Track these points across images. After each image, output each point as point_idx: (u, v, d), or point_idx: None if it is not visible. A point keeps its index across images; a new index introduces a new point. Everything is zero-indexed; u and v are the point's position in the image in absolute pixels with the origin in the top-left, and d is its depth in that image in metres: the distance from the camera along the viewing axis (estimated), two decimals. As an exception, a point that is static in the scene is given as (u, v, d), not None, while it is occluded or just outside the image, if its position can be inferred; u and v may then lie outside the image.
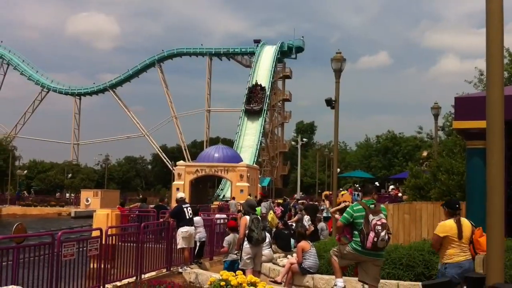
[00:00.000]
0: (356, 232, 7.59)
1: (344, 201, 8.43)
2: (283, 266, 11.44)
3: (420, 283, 9.08)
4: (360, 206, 7.62)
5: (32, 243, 8.39)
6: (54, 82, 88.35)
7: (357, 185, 36.75)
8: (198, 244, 13.18)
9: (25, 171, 70.04)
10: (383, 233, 7.39)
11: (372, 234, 7.35)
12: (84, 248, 9.24)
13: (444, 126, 35.34)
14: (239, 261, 10.06)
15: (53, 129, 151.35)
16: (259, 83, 62.28)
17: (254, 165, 58.55)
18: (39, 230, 24.39)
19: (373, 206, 7.61)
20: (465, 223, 7.12)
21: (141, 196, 39.84)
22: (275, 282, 10.45)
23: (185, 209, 12.33)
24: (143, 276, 10.92)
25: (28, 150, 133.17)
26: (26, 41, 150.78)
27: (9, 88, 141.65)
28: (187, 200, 13.85)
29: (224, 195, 56.59)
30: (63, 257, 8.54)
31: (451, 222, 7.05)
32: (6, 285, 6.26)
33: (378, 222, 7.41)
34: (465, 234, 7.00)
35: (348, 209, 7.74)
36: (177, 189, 43.32)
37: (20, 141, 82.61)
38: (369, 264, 7.68)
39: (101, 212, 17.09)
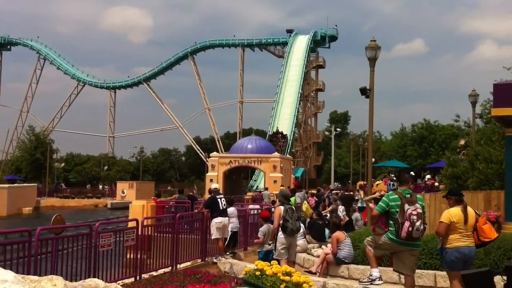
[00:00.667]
0: (391, 222, 7.50)
1: (380, 191, 8.33)
2: (318, 257, 11.39)
3: (458, 274, 8.96)
4: (396, 196, 7.52)
5: (70, 234, 8.55)
6: (89, 76, 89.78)
7: (392, 175, 36.28)
8: (229, 234, 13.22)
9: (63, 164, 71.50)
10: (418, 223, 7.31)
11: (407, 224, 7.27)
12: (121, 239, 9.38)
13: (482, 114, 34.55)
14: (273, 251, 10.06)
15: (89, 122, 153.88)
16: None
17: (287, 156, 58.44)
18: (77, 222, 24.91)
19: (409, 195, 7.51)
20: (470, 211, 7.46)
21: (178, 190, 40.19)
22: (310, 272, 10.41)
23: (218, 200, 12.37)
24: (178, 266, 11.02)
25: (65, 143, 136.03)
26: (61, 36, 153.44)
27: (46, 83, 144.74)
28: (221, 191, 13.90)
29: (257, 186, 56.66)
30: (100, 248, 8.68)
31: (457, 210, 7.38)
32: (46, 275, 6.38)
33: (414, 212, 7.32)
34: (469, 221, 7.35)
35: (384, 198, 7.65)
36: (211, 180, 43.56)
37: (57, 135, 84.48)
38: (405, 254, 7.58)
39: (136, 203, 17.33)
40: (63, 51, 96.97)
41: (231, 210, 13.39)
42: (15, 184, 54.79)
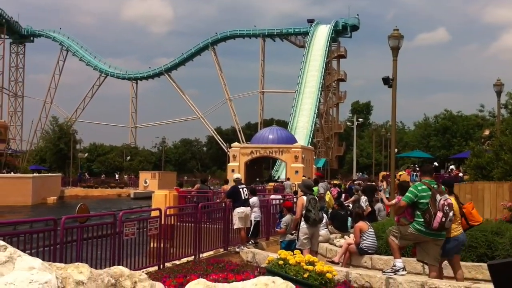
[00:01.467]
0: (418, 213, 7.42)
1: (398, 198, 8.25)
2: (340, 247, 11.35)
3: (482, 264, 8.84)
4: (425, 186, 7.44)
5: (95, 223, 8.64)
6: (111, 67, 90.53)
7: (416, 165, 35.93)
8: (253, 224, 13.23)
9: (86, 154, 72.36)
10: (451, 213, 7.27)
11: (440, 214, 7.21)
12: (144, 228, 9.45)
13: (507, 104, 33.99)
14: (296, 241, 10.04)
15: (111, 113, 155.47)
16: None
17: (309, 146, 58.27)
18: (100, 211, 25.21)
19: (436, 186, 7.44)
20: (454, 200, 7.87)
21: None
22: (333, 262, 10.38)
23: (240, 190, 12.38)
24: (201, 255, 11.07)
25: (88, 134, 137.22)
26: (83, 27, 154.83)
27: (68, 74, 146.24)
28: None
29: (279, 176, 56.69)
30: (124, 236, 8.76)
31: (453, 201, 7.72)
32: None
33: (445, 202, 7.26)
34: (458, 210, 7.86)
35: (411, 188, 7.56)
36: (232, 170, 43.70)
37: (80, 125, 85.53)
38: (430, 244, 7.51)
39: (159, 193, 17.43)
40: (85, 42, 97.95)
41: (254, 200, 13.39)
42: (40, 174, 55.60)
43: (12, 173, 51.40)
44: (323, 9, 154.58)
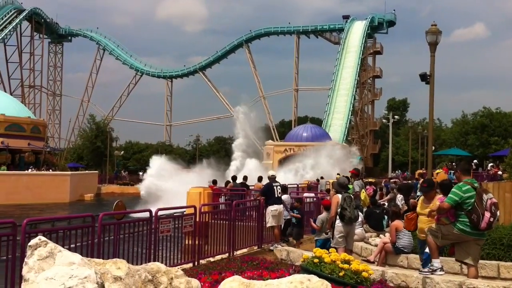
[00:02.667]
0: (462, 213, 7.25)
1: (440, 199, 8.18)
2: (376, 246, 11.22)
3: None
4: (468, 186, 7.25)
5: (131, 220, 8.75)
6: (147, 66, 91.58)
7: (453, 163, 35.29)
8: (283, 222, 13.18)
9: (122, 152, 73.44)
10: (498, 213, 7.10)
11: (488, 214, 7.03)
12: (179, 225, 9.53)
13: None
14: (331, 239, 9.97)
15: (147, 111, 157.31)
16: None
17: (344, 143, 57.83)
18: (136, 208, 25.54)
19: (477, 185, 7.27)
20: None
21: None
22: (368, 261, 10.27)
23: (274, 187, 12.35)
24: (235, 252, 11.11)
25: (124, 132, 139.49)
26: (120, 27, 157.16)
27: (105, 73, 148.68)
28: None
29: (313, 174, 56.37)
30: (160, 233, 8.86)
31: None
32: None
33: (492, 202, 7.10)
34: None
35: (455, 190, 7.34)
36: (266, 168, 43.68)
37: (116, 123, 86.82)
38: (471, 243, 7.35)
39: (194, 190, 17.54)
40: (121, 41, 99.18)
41: (285, 197, 13.36)
42: (77, 172, 56.70)
43: (50, 170, 52.60)
44: (359, 4, 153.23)
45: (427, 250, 8.24)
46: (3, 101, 54.79)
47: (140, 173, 66.92)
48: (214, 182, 21.08)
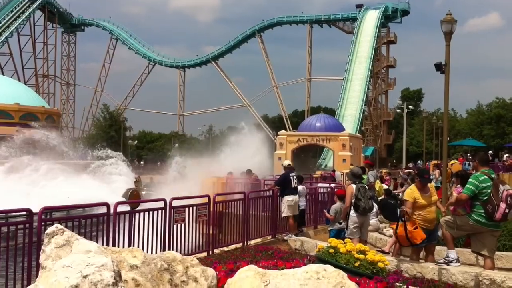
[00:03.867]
0: (477, 203, 7.18)
1: (457, 190, 8.14)
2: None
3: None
4: (485, 177, 7.18)
5: (145, 208, 8.77)
6: (160, 55, 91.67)
7: (468, 154, 35.00)
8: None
9: (135, 142, 73.77)
10: None
11: (503, 205, 6.96)
12: (193, 214, 9.54)
13: None
14: (345, 230, 9.94)
15: (160, 100, 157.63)
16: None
17: (357, 134, 57.58)
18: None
19: (494, 176, 7.19)
20: None
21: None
22: (383, 252, 10.20)
23: (291, 177, 12.31)
24: (249, 242, 11.11)
25: (138, 121, 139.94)
26: (132, 17, 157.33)
27: (118, 63, 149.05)
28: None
29: (326, 165, 56.30)
30: (174, 222, 8.87)
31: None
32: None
33: (508, 193, 7.00)
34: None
35: (472, 180, 7.27)
36: (279, 158, 43.65)
37: (130, 113, 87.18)
38: (487, 234, 7.28)
39: (208, 180, 17.57)
40: (134, 31, 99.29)
41: (300, 188, 13.31)
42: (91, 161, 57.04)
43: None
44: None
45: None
46: (17, 90, 55.15)
47: (158, 164, 67.26)
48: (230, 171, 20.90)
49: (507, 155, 37.25)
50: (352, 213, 9.55)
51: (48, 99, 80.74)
